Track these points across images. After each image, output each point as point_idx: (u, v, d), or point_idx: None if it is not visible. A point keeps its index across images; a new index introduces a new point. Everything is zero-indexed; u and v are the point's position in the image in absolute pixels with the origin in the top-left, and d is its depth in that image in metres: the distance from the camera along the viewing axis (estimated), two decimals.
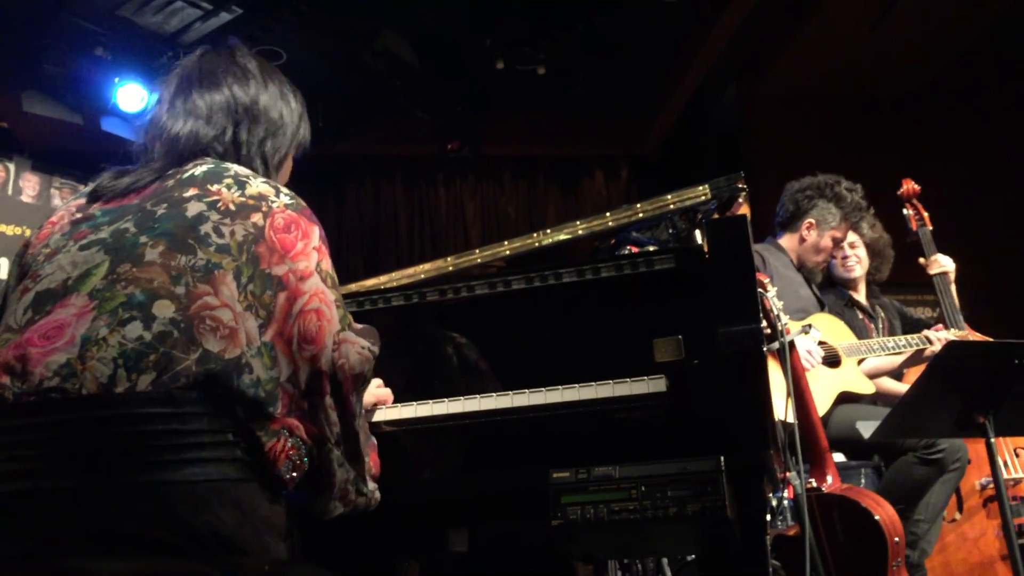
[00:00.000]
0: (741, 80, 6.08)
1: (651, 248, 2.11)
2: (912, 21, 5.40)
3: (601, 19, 5.11)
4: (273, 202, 1.41)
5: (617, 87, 6.03)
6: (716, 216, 2.12)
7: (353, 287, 2.25)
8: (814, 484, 2.59)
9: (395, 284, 2.20)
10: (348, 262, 6.49)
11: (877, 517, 2.49)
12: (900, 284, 4.12)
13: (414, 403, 1.70)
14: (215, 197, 1.38)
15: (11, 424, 1.19)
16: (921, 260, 3.68)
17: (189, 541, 1.16)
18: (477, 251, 2.27)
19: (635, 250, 2.15)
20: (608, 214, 2.21)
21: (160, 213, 1.36)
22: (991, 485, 3.32)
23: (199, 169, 1.44)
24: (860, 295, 3.80)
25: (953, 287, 3.61)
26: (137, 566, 1.13)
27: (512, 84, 5.65)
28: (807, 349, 3.12)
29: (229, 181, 1.41)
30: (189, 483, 1.18)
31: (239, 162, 1.52)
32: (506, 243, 2.26)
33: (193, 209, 1.36)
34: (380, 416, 1.71)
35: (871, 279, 3.85)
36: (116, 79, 4.86)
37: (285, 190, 1.46)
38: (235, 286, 1.30)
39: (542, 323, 1.81)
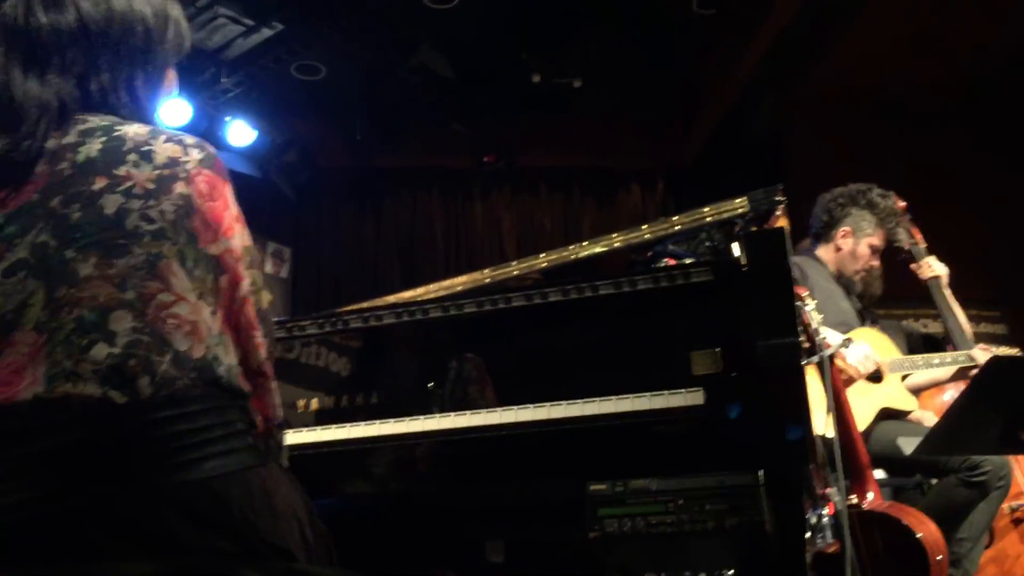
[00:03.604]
0: (779, 91, 6.04)
1: (688, 261, 2.10)
2: (957, 30, 5.33)
3: (637, 32, 5.11)
4: (186, 162, 1.28)
5: (654, 99, 6.03)
6: (754, 228, 2.11)
7: (391, 299, 2.27)
8: (855, 500, 2.55)
9: (432, 296, 2.22)
10: (385, 274, 6.54)
11: (919, 535, 2.45)
12: (900, 298, 4.03)
13: (452, 414, 1.71)
14: (128, 183, 1.24)
15: (5, 456, 1.12)
16: (912, 266, 3.62)
17: (213, 537, 1.15)
18: (514, 263, 2.28)
19: (672, 263, 2.15)
20: (645, 227, 2.21)
21: (76, 217, 1.22)
22: (1022, 508, 3.27)
23: (93, 148, 1.26)
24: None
25: (949, 292, 3.55)
26: (162, 566, 1.12)
27: (548, 97, 5.68)
28: (864, 353, 3.09)
29: (134, 158, 1.26)
30: (208, 479, 1.16)
31: (110, 111, 1.33)
32: (543, 255, 2.27)
33: (110, 205, 1.22)
34: (418, 427, 1.72)
35: (865, 298, 3.74)
36: None
37: (189, 139, 1.32)
38: (183, 274, 1.23)
39: (579, 335, 1.82)
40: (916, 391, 3.44)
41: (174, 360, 1.18)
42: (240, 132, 5.69)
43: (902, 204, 3.63)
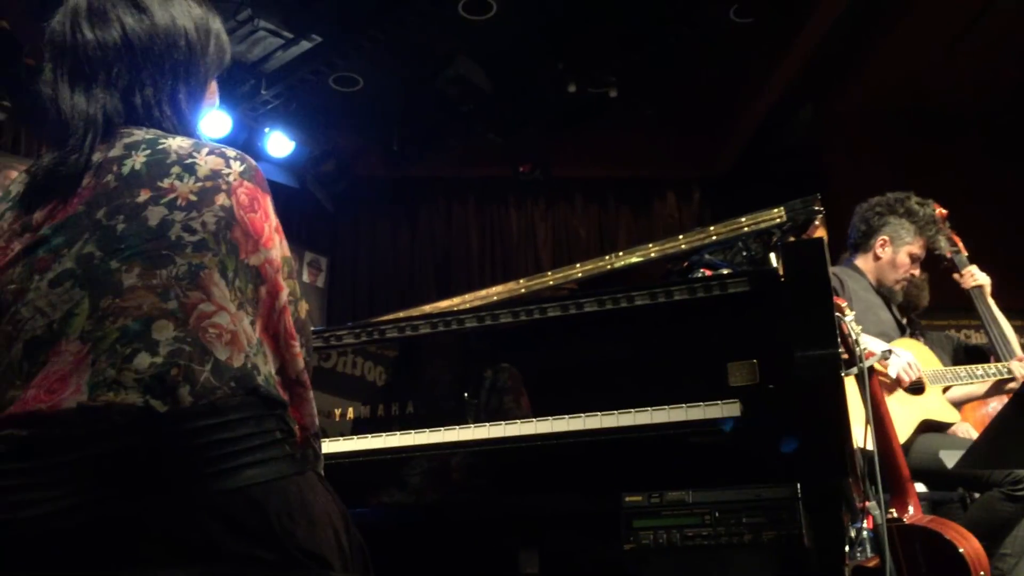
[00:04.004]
0: (817, 99, 5.99)
1: (725, 271, 2.09)
2: (996, 40, 5.24)
3: (673, 41, 5.10)
4: (228, 174, 1.31)
5: (689, 108, 6.01)
6: (792, 239, 2.10)
7: (427, 309, 2.28)
8: (895, 514, 2.51)
9: (467, 306, 2.23)
10: (420, 283, 6.58)
11: (961, 550, 2.40)
12: (949, 308, 3.99)
13: (487, 424, 1.72)
14: (171, 195, 1.27)
15: (50, 462, 1.14)
16: (955, 276, 3.56)
17: (251, 545, 1.16)
18: (549, 273, 2.28)
19: (708, 273, 2.14)
20: (681, 236, 2.20)
21: (121, 229, 1.24)
22: None
23: (138, 160, 1.29)
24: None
25: (992, 302, 3.48)
26: (201, 573, 1.13)
27: (584, 106, 5.68)
28: (907, 361, 3.06)
29: (177, 170, 1.28)
30: (246, 488, 1.17)
31: (153, 124, 1.36)
32: (578, 265, 2.27)
33: (154, 216, 1.25)
34: (453, 437, 1.72)
35: (910, 308, 3.68)
36: None
37: (231, 151, 1.35)
38: (224, 284, 1.25)
39: (614, 345, 1.81)
40: (957, 404, 3.38)
41: (214, 369, 1.19)
42: (279, 143, 5.77)
43: (942, 212, 3.57)
